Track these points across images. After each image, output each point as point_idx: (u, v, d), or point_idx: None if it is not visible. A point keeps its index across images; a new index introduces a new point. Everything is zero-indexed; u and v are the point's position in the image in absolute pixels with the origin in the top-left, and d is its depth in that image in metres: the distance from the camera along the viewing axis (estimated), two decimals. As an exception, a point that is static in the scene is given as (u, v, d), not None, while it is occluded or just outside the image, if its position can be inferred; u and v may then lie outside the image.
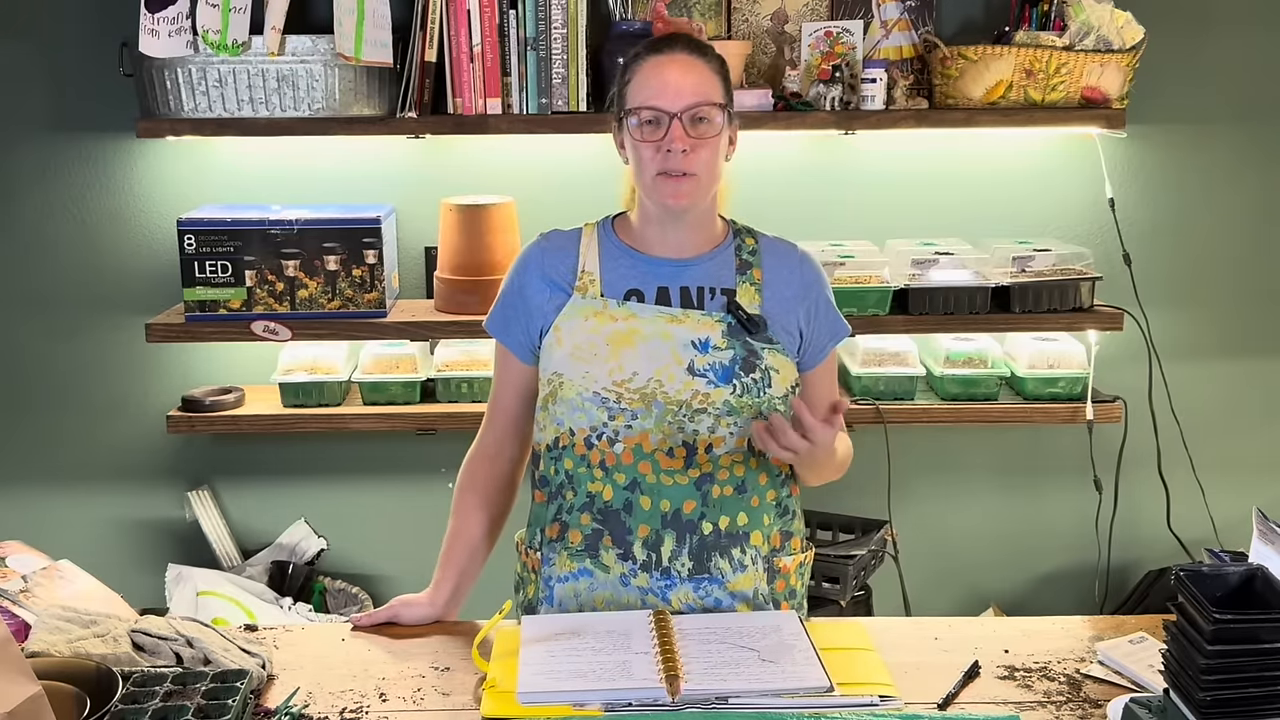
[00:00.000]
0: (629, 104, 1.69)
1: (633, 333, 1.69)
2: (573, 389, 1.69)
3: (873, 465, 2.92)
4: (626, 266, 1.74)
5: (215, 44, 2.54)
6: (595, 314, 1.71)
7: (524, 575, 1.84)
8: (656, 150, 1.66)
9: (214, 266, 2.66)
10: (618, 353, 1.68)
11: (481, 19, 2.62)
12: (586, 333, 1.70)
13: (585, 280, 1.73)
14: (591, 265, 1.74)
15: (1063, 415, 2.81)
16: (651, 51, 1.70)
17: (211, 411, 2.81)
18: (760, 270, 1.77)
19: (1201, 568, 1.33)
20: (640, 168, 1.69)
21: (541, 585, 1.77)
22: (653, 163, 1.66)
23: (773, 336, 1.73)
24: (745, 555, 1.73)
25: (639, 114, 1.67)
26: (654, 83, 1.67)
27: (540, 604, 1.77)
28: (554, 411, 1.72)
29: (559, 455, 1.74)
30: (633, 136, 1.68)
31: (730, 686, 1.49)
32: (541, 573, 1.77)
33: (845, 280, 2.70)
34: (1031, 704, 1.51)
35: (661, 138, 1.65)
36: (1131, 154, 2.91)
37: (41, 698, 1.22)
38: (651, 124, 1.66)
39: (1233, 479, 3.03)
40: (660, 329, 1.69)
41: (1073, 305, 2.75)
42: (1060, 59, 2.62)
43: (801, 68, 2.74)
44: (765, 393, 1.70)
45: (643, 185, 1.70)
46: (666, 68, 1.67)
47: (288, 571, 2.92)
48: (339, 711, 1.50)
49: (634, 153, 1.69)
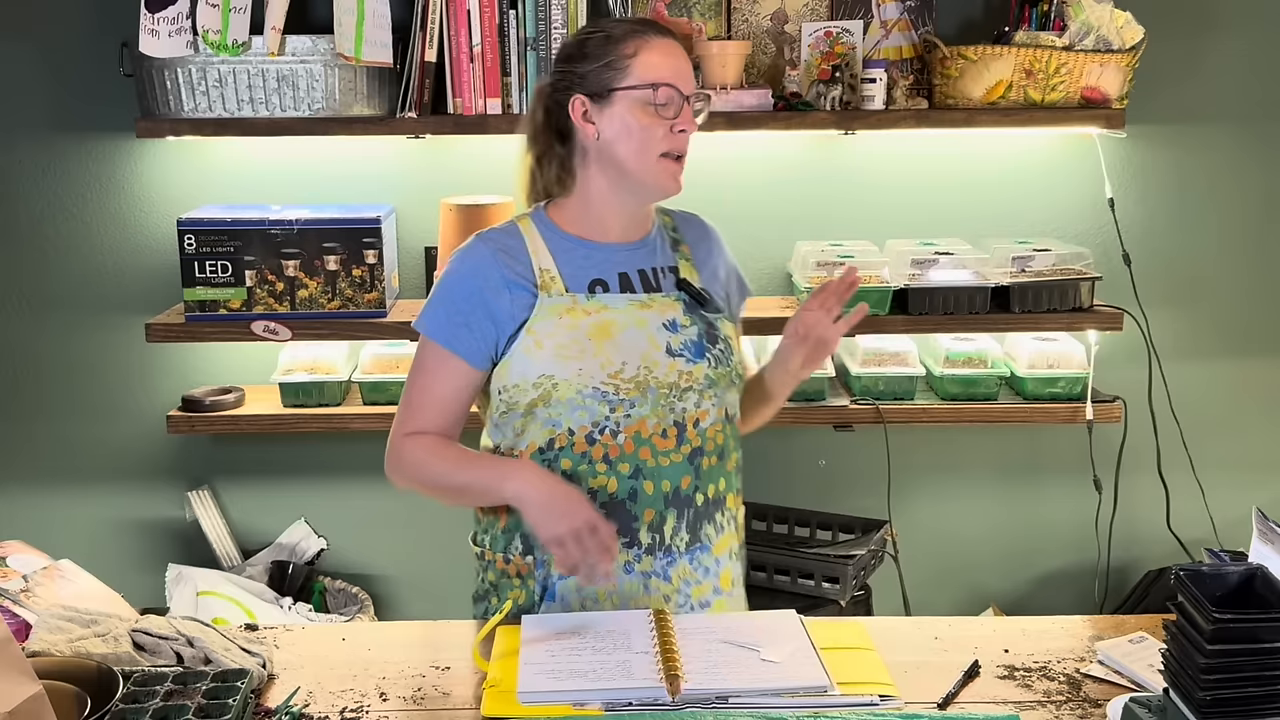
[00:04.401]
0: (639, 78, 1.65)
1: (609, 324, 1.70)
2: (570, 388, 1.68)
3: (873, 465, 2.93)
4: (582, 258, 1.73)
5: (215, 44, 2.54)
6: (567, 311, 1.69)
7: (500, 582, 1.80)
8: (669, 130, 1.66)
9: (214, 266, 2.66)
10: (602, 346, 1.68)
11: (481, 19, 2.62)
12: (566, 330, 1.68)
13: (546, 279, 1.71)
14: (546, 262, 1.72)
15: (1062, 415, 2.81)
16: (655, 32, 1.69)
17: (211, 411, 2.81)
18: (686, 245, 1.84)
19: (1201, 567, 1.33)
20: (644, 146, 1.67)
21: (536, 587, 1.76)
22: (662, 142, 1.66)
23: (719, 306, 1.81)
24: (724, 517, 1.80)
25: (659, 91, 1.64)
26: (670, 63, 1.67)
27: (538, 606, 1.76)
28: (545, 415, 1.70)
29: (554, 457, 1.72)
30: (642, 114, 1.66)
31: (730, 686, 1.49)
32: (536, 574, 1.76)
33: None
34: (1031, 704, 1.51)
35: (674, 118, 1.66)
36: (1131, 154, 2.91)
37: (42, 697, 1.22)
38: (665, 104, 1.65)
39: (1233, 479, 3.03)
40: (634, 316, 1.71)
41: (1072, 305, 2.75)
42: (1060, 59, 2.62)
43: (801, 68, 2.74)
44: (731, 361, 1.78)
45: (639, 164, 1.68)
46: (673, 51, 1.68)
47: (288, 571, 2.92)
48: (339, 711, 1.50)
49: (635, 131, 1.66)
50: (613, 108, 1.67)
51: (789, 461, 3.06)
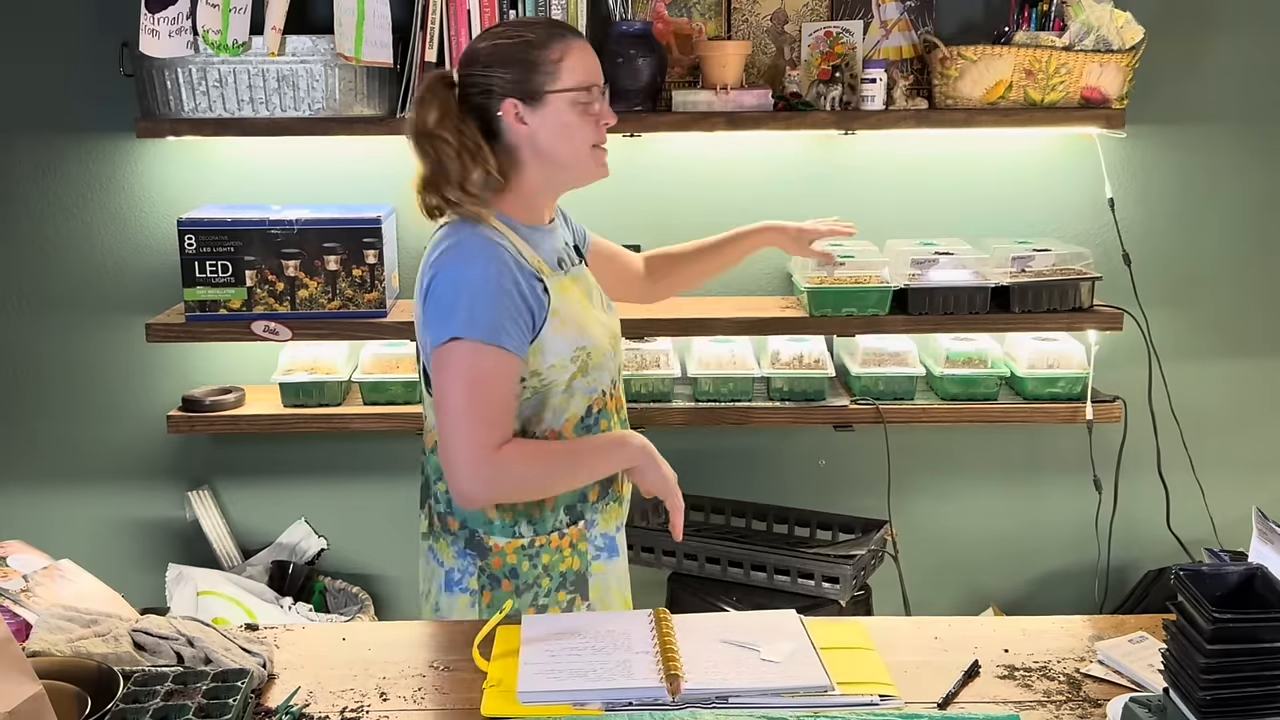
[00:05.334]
0: (571, 82, 1.78)
1: (583, 293, 1.87)
2: (600, 353, 1.83)
3: (873, 465, 2.93)
4: (543, 242, 1.85)
5: (215, 44, 2.54)
6: (565, 287, 1.83)
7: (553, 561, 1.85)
8: (596, 123, 1.82)
9: (214, 266, 2.66)
10: (590, 311, 1.86)
11: (481, 19, 2.62)
12: (572, 305, 1.82)
13: (538, 264, 1.81)
14: (530, 251, 1.81)
15: (1062, 415, 2.81)
16: (572, 34, 1.83)
17: (211, 411, 2.81)
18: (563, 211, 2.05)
19: (1201, 567, 1.33)
20: (576, 141, 1.81)
21: (590, 549, 1.88)
22: (594, 134, 1.82)
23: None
24: None
25: (590, 90, 1.80)
26: (589, 63, 1.82)
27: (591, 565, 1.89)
28: (583, 384, 1.82)
29: (593, 422, 1.86)
30: (573, 113, 1.79)
31: (730, 686, 1.49)
32: (588, 536, 1.88)
33: (845, 280, 2.71)
34: (1031, 703, 1.51)
35: (598, 112, 1.81)
36: (1131, 154, 2.91)
37: (42, 697, 1.22)
38: (591, 102, 1.80)
39: (1233, 479, 3.03)
40: (586, 283, 1.91)
41: (1072, 305, 2.75)
42: (1060, 59, 2.62)
43: (801, 68, 2.74)
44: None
45: (574, 158, 1.82)
46: (588, 50, 1.83)
47: (288, 571, 2.92)
48: (339, 711, 1.50)
49: (567, 128, 1.79)
50: (546, 109, 1.79)
51: (789, 461, 3.06)
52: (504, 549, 1.84)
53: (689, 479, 3.01)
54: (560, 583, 1.86)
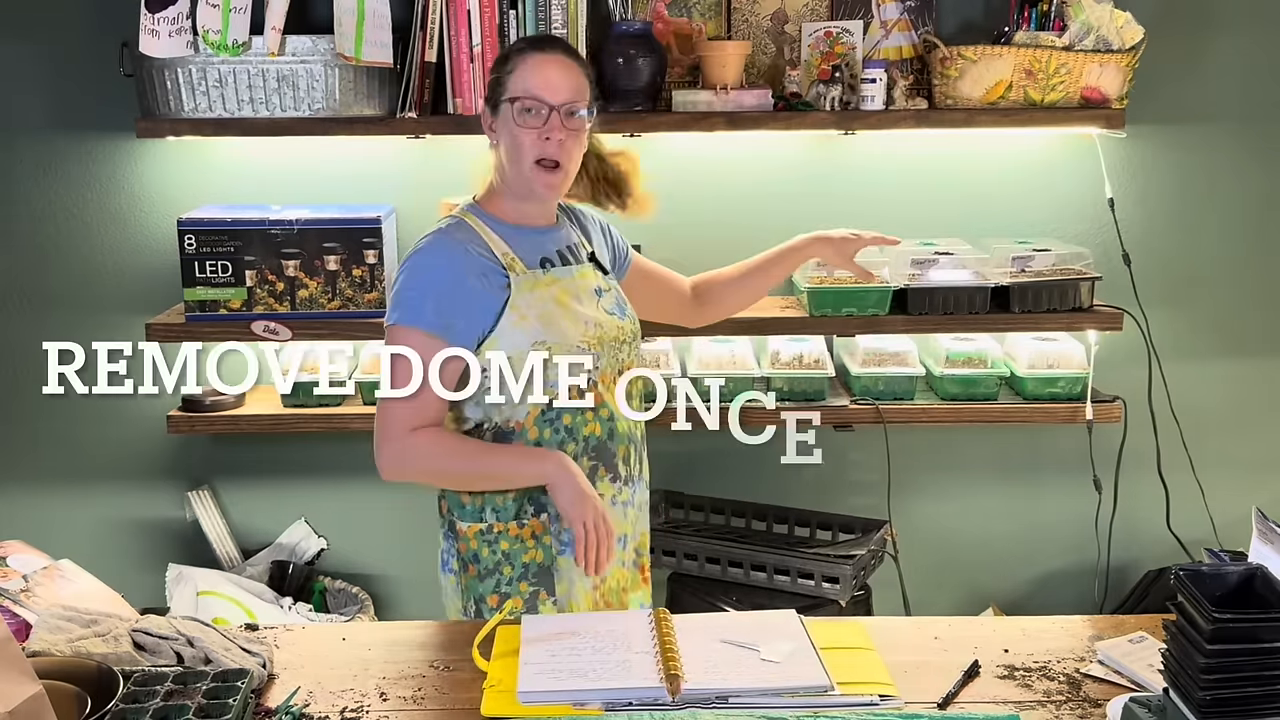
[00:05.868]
0: (511, 92, 1.85)
1: (565, 292, 1.90)
2: (560, 350, 1.85)
3: (873, 465, 2.93)
4: (526, 240, 1.91)
5: (215, 44, 2.54)
6: (537, 284, 1.88)
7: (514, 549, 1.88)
8: (537, 137, 1.83)
9: (214, 266, 2.66)
10: (568, 310, 1.88)
11: (481, 19, 2.62)
12: (542, 301, 1.86)
13: (509, 260, 1.87)
14: (503, 247, 1.88)
15: (1062, 415, 2.81)
16: (534, 48, 1.88)
17: (211, 411, 2.81)
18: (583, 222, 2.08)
19: (1201, 567, 1.33)
20: (518, 153, 1.86)
21: (553, 543, 1.88)
22: (532, 149, 1.84)
23: (615, 275, 2.08)
24: (642, 445, 2.02)
25: (523, 101, 1.83)
26: (538, 77, 1.85)
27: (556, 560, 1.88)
28: (544, 378, 1.84)
29: (555, 416, 1.87)
30: (515, 122, 1.84)
31: (730, 686, 1.49)
32: (551, 529, 1.88)
33: (845, 280, 2.70)
34: (1031, 703, 1.51)
35: (541, 126, 1.83)
36: (1131, 154, 2.91)
37: (42, 697, 1.22)
38: (531, 113, 1.83)
39: (1232, 479, 3.02)
40: (579, 285, 1.93)
41: (1072, 305, 2.75)
42: (1060, 59, 2.62)
43: (801, 68, 2.74)
44: (636, 318, 2.03)
45: (518, 170, 1.87)
46: (549, 65, 1.85)
47: (288, 571, 2.92)
48: (339, 711, 1.50)
49: (511, 139, 1.86)
50: (500, 119, 1.88)
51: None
52: (466, 533, 1.90)
53: (689, 479, 3.02)
54: (522, 573, 1.88)
